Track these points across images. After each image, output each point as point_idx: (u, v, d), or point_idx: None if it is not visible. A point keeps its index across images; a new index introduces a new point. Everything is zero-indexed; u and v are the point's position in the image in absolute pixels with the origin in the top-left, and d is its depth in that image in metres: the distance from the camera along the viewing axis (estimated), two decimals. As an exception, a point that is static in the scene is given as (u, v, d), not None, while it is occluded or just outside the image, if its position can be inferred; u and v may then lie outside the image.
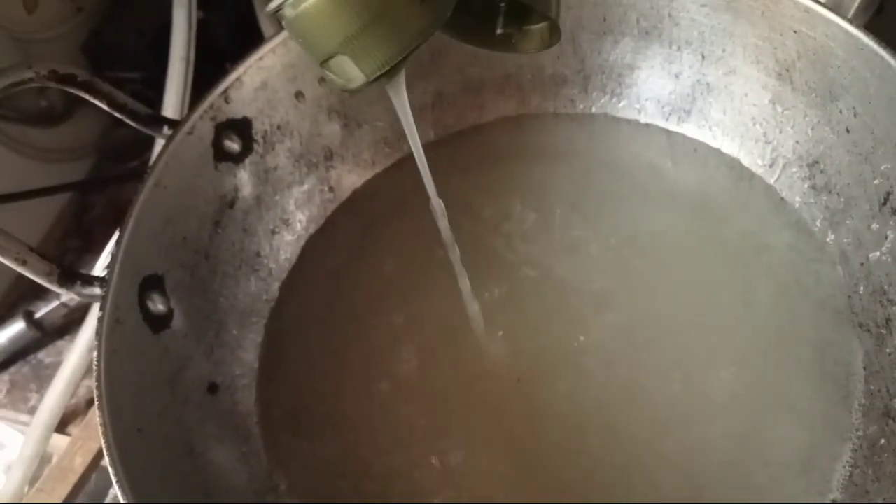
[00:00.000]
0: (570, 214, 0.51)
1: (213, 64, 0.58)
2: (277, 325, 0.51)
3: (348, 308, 0.50)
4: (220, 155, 0.49)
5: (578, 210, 0.51)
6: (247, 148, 0.51)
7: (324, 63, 0.31)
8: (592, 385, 0.44)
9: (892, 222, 0.40)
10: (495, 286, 0.49)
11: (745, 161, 0.50)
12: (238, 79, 0.49)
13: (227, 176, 0.50)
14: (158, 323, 0.44)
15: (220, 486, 0.42)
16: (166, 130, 0.47)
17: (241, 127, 0.50)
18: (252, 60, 0.49)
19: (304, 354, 0.49)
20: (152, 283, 0.44)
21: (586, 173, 0.53)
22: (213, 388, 0.46)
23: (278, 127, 0.52)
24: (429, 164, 0.57)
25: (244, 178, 0.51)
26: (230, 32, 0.71)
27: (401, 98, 0.37)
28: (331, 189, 0.56)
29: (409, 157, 0.57)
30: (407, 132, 0.40)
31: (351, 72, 0.31)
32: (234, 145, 0.50)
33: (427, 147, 0.57)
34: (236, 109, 0.49)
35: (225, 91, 0.48)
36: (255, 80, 0.50)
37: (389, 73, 0.32)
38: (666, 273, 0.48)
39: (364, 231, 0.54)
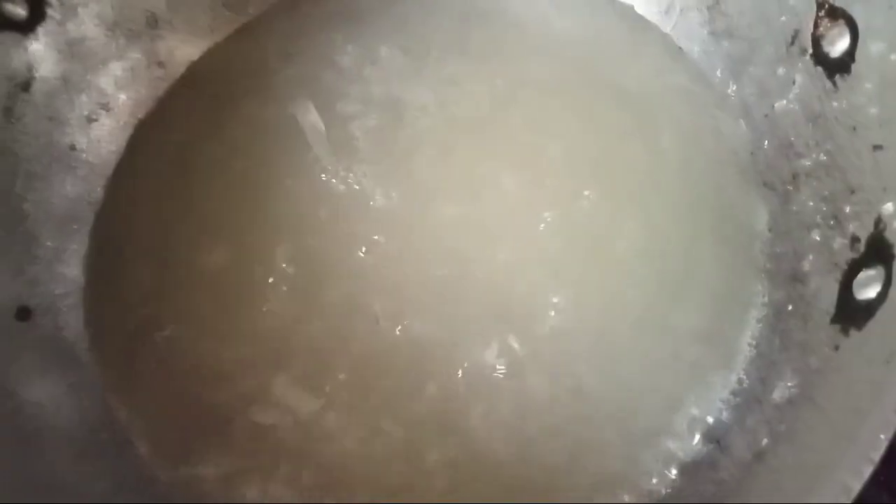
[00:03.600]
0: (447, 56, 0.44)
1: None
2: (105, 231, 0.42)
3: (188, 203, 0.42)
4: (-1, 22, 0.39)
5: (456, 53, 0.44)
6: (37, 13, 0.41)
7: None
8: (483, 251, 0.39)
9: (800, 64, 0.36)
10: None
11: (640, 8, 0.44)
12: (8, -82, 0.38)
13: (15, 50, 0.40)
14: (-67, 241, 0.35)
15: (42, 427, 0.35)
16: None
17: (24, -16, 0.40)
18: None
19: (139, 261, 0.41)
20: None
21: (464, 21, 0.46)
22: (23, 314, 0.38)
23: (78, -15, 0.42)
24: (278, 26, 0.49)
25: (40, 53, 0.41)
26: None
27: None
28: (160, 64, 0.46)
29: (256, 20, 0.49)
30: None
31: None
32: (17, 9, 0.40)
33: (279, 4, 0.49)
34: (13, -40, 0.39)
35: (-9, -65, 0.37)
36: (35, -78, 0.39)
37: None
38: (559, 118, 0.41)
39: (205, 112, 0.45)
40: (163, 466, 0.35)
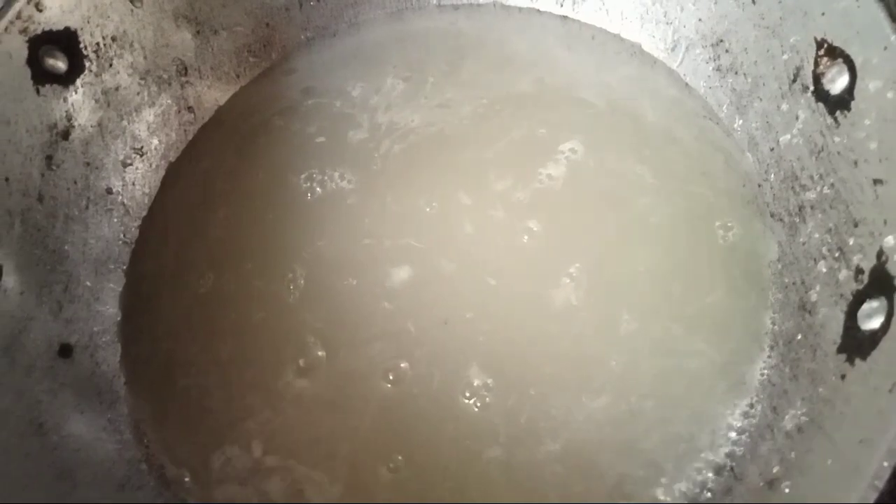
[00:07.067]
0: (442, 83, 0.47)
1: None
2: (140, 269, 0.45)
3: (220, 240, 0.44)
4: (42, 76, 0.41)
5: (451, 80, 0.47)
6: (76, 66, 0.43)
7: None
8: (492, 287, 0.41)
9: (802, 101, 0.37)
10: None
11: (647, 46, 0.46)
12: (50, -20, 0.40)
13: (55, 101, 0.42)
14: (-18, 284, 0.37)
15: (81, 463, 0.37)
16: (-32, 50, 0.38)
17: (64, 40, 0.42)
18: (66, -43, 0.40)
19: (173, 298, 0.43)
20: (-33, 238, 0.37)
21: (461, 53, 0.49)
22: (65, 351, 0.40)
23: (113, 38, 0.44)
24: (299, 67, 0.51)
25: (78, 103, 0.44)
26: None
27: None
28: (189, 109, 0.49)
29: (279, 65, 0.51)
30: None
31: None
32: (58, 63, 0.42)
33: (299, 48, 0.51)
34: (54, 19, 0.41)
35: (35, -4, 0.40)
36: (75, -18, 0.41)
37: None
38: (550, 135, 0.44)
39: (233, 153, 0.48)
40: (198, 492, 0.37)
